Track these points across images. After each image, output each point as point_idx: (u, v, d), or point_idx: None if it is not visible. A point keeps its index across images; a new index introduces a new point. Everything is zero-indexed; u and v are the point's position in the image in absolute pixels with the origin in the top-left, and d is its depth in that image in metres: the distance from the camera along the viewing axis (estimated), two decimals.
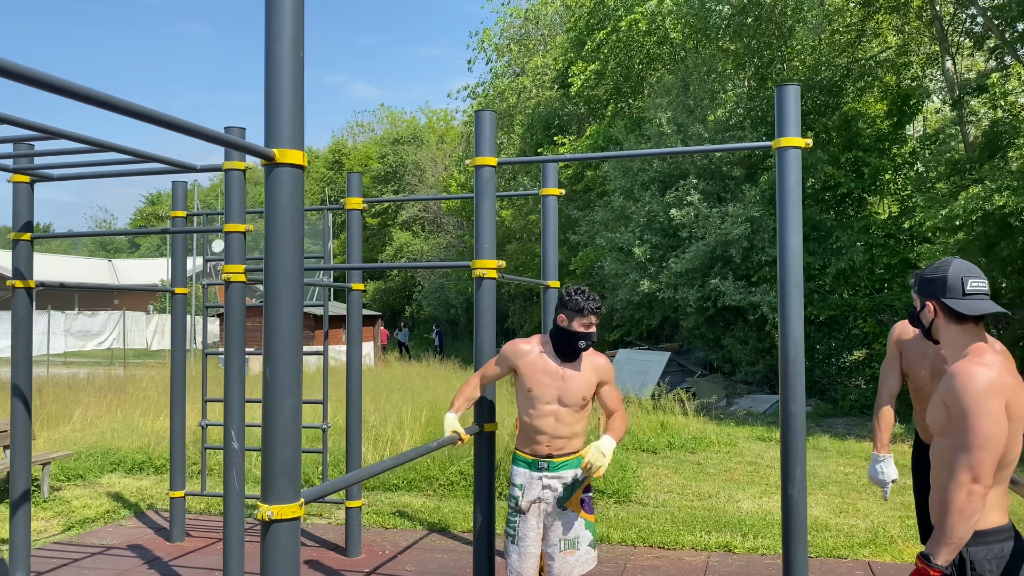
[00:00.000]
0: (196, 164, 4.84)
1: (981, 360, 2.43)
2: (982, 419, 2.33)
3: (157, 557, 5.96)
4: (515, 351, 3.86)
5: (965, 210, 11.15)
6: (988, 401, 2.34)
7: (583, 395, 3.78)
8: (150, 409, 12.34)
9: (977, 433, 2.33)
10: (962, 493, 2.32)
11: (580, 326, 3.72)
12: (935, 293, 2.58)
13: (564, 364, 3.79)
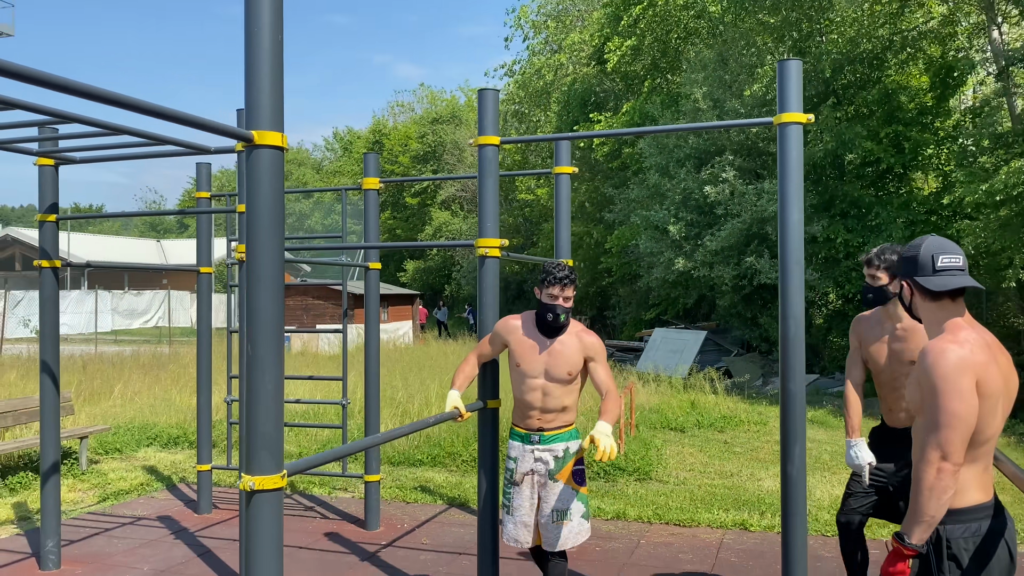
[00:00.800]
0: (210, 146, 4.94)
1: (955, 337, 2.41)
2: (951, 397, 2.31)
3: (184, 528, 6.16)
4: (506, 327, 3.93)
5: (1006, 185, 10.84)
6: (958, 379, 2.32)
7: (568, 370, 3.82)
8: (187, 385, 12.67)
9: (946, 411, 2.31)
10: (931, 471, 2.31)
11: (547, 297, 3.78)
12: (909, 272, 2.57)
13: (551, 339, 3.84)
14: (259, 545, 2.53)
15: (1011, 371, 2.48)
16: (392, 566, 5.26)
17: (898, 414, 3.89)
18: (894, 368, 3.82)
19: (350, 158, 51.78)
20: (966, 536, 2.40)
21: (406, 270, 42.42)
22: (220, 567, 5.26)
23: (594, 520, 6.29)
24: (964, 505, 2.42)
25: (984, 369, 2.36)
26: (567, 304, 3.80)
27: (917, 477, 2.35)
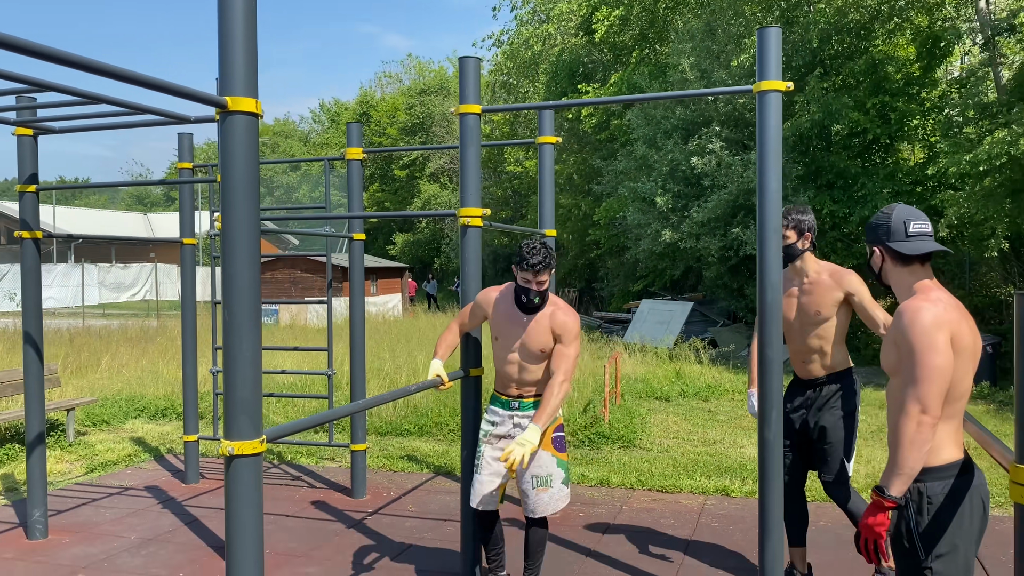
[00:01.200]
0: (190, 116, 4.91)
1: (927, 297, 2.51)
2: (929, 352, 2.39)
3: (171, 498, 6.20)
4: (486, 299, 3.97)
5: (990, 155, 10.88)
6: (935, 335, 2.40)
7: (540, 348, 3.85)
8: (175, 357, 12.67)
9: (925, 365, 2.39)
10: (912, 424, 2.38)
11: (522, 279, 3.80)
12: (880, 239, 2.66)
13: (526, 316, 3.87)
14: (239, 509, 2.57)
15: (977, 332, 2.56)
16: (378, 533, 5.33)
17: (807, 366, 4.12)
18: (801, 320, 4.07)
19: (337, 130, 51.41)
20: (944, 492, 2.48)
21: (395, 243, 42.34)
22: (207, 535, 5.31)
23: (578, 486, 6.38)
24: (941, 462, 2.49)
25: (957, 325, 2.45)
26: (541, 288, 3.77)
27: (897, 431, 2.43)
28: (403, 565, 4.72)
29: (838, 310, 4.02)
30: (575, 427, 8.07)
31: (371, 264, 28.91)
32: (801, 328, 4.09)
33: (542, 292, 3.79)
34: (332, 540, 5.19)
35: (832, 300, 4.00)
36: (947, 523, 2.46)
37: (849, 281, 3.98)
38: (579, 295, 28.79)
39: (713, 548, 4.96)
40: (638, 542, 5.07)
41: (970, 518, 2.48)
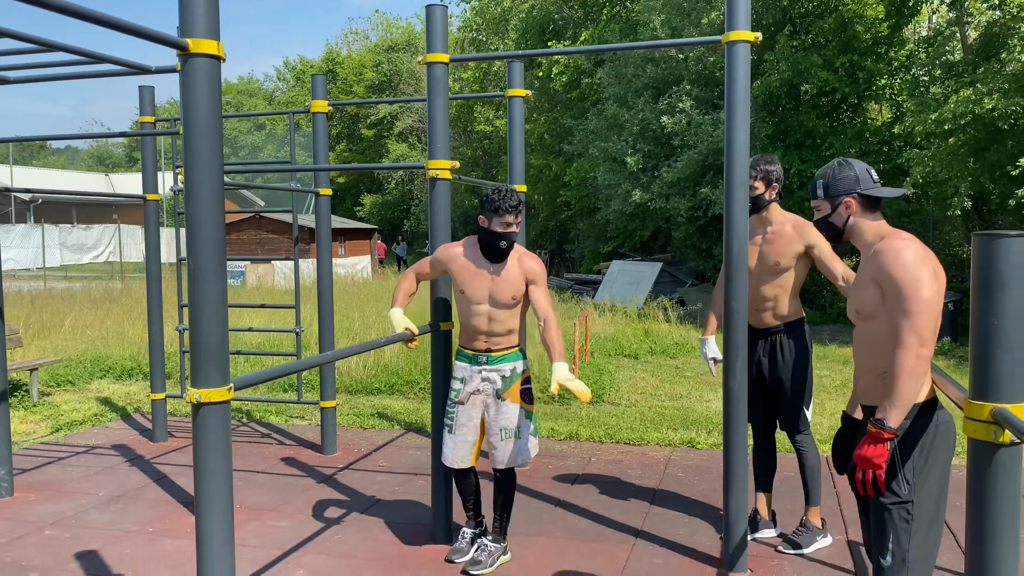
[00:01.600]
0: (151, 66, 4.79)
1: (900, 236, 2.58)
2: (920, 286, 2.44)
3: (139, 456, 6.17)
4: (447, 254, 3.94)
5: (955, 114, 11.00)
6: (921, 269, 2.46)
7: (512, 295, 3.87)
8: (140, 318, 12.52)
9: (918, 299, 2.44)
10: (911, 357, 2.44)
11: (499, 226, 3.78)
12: (851, 188, 2.70)
13: (494, 265, 3.88)
14: (207, 457, 2.56)
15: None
16: (349, 487, 5.36)
17: (760, 315, 4.20)
18: (761, 269, 4.13)
19: (302, 88, 50.48)
20: (920, 428, 2.56)
21: (363, 204, 41.90)
22: (177, 491, 5.30)
23: (548, 440, 6.45)
24: (920, 399, 2.57)
25: (934, 261, 2.51)
26: (518, 230, 3.84)
27: (895, 364, 2.46)
28: (374, 518, 4.76)
29: (797, 262, 4.07)
30: (545, 383, 8.13)
31: (339, 225, 28.66)
32: (759, 276, 4.14)
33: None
34: (302, 495, 5.21)
35: (792, 252, 4.05)
36: (924, 458, 2.54)
37: (811, 234, 4.03)
38: (550, 257, 28.82)
39: (679, 497, 5.06)
40: (606, 492, 5.16)
41: (944, 455, 2.57)
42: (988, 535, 2.03)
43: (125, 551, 4.27)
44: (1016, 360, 1.99)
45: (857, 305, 2.65)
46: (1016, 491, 2.00)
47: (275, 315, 13.07)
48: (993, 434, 1.99)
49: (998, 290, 1.98)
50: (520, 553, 4.19)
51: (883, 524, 2.57)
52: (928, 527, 2.54)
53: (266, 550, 4.28)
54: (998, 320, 1.98)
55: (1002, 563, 2.01)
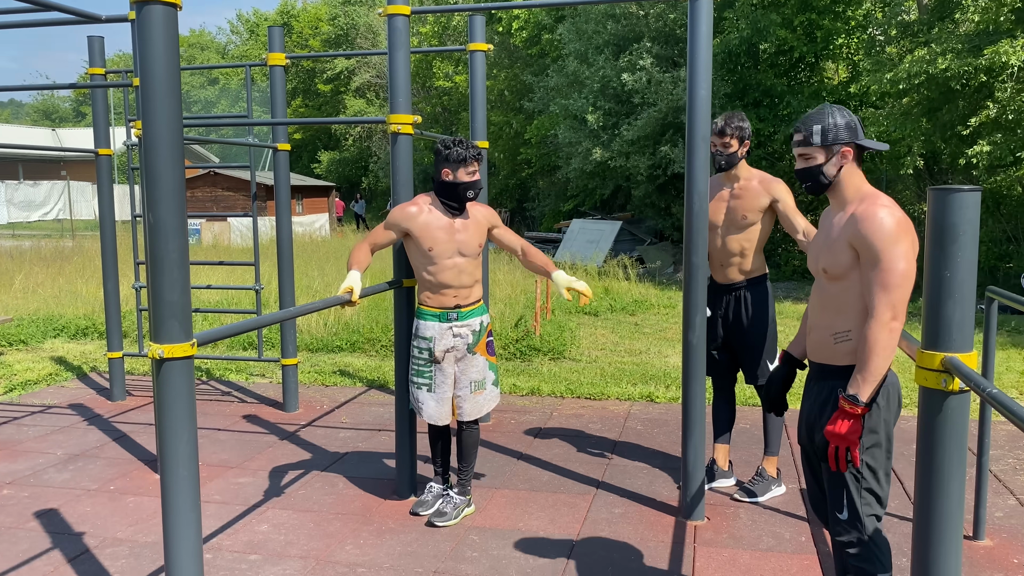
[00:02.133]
0: (101, 15, 4.63)
1: (882, 202, 2.48)
2: (899, 258, 2.40)
3: (98, 415, 6.10)
4: (405, 215, 3.89)
5: (909, 74, 11.15)
6: (902, 240, 2.42)
7: (478, 243, 3.93)
8: (93, 276, 12.27)
9: (896, 272, 2.40)
10: (884, 332, 2.42)
11: (465, 175, 3.79)
12: (852, 136, 2.55)
13: (456, 217, 3.88)
14: (171, 415, 2.55)
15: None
16: (312, 444, 5.37)
17: (725, 270, 4.28)
18: (727, 224, 4.20)
19: (257, 42, 49.26)
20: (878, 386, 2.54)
21: (320, 161, 41.26)
22: (137, 449, 5.26)
23: (510, 396, 6.52)
24: None
25: (913, 231, 2.47)
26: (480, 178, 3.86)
27: (871, 339, 2.43)
28: (338, 474, 4.79)
29: (763, 216, 4.14)
30: (507, 340, 8.19)
31: (296, 183, 28.22)
32: (726, 231, 4.21)
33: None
34: (265, 452, 5.21)
35: (759, 206, 4.11)
36: (875, 417, 2.55)
37: (776, 188, 4.11)
38: (511, 215, 28.77)
39: (639, 448, 5.17)
40: (567, 446, 5.25)
41: (893, 413, 2.61)
42: (937, 478, 2.12)
43: (86, 509, 4.25)
44: (966, 311, 2.06)
45: (826, 264, 2.58)
46: (964, 437, 2.09)
47: (233, 273, 12.90)
48: (943, 382, 2.06)
49: (951, 243, 2.03)
50: (484, 505, 4.25)
51: (836, 482, 2.60)
52: (877, 481, 2.61)
53: (230, 506, 4.28)
54: (950, 272, 2.04)
55: (950, 503, 2.10)
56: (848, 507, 2.57)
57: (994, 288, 3.55)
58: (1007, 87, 10.66)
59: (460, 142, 3.79)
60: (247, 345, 8.44)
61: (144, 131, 2.43)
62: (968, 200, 2.01)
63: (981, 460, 3.74)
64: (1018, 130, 10.52)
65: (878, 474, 2.57)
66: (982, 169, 11.39)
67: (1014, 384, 6.76)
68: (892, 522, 4.01)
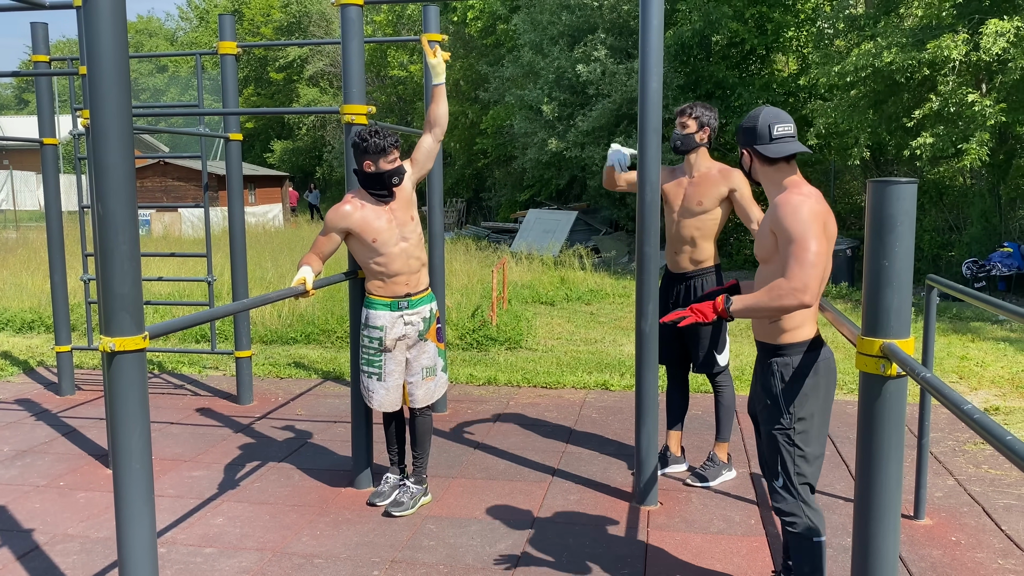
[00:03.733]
0: (45, 1, 4.53)
1: (800, 191, 2.72)
2: (811, 240, 2.61)
3: (46, 410, 5.98)
4: (341, 215, 3.88)
5: (856, 67, 11.38)
6: (813, 225, 2.62)
7: (411, 215, 3.98)
8: (39, 269, 11.98)
9: (809, 250, 2.60)
10: (790, 299, 2.61)
11: (387, 164, 3.82)
12: (749, 141, 2.82)
13: (387, 203, 3.92)
14: (123, 408, 2.52)
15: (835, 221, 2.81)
16: (266, 436, 5.34)
17: (677, 257, 4.36)
18: (683, 209, 4.27)
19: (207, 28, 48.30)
20: (806, 363, 2.79)
21: (273, 151, 40.67)
22: (87, 444, 5.18)
23: (466, 385, 6.55)
24: (803, 338, 2.80)
25: (827, 216, 2.70)
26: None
27: (776, 288, 2.63)
28: (293, 465, 4.78)
29: (719, 204, 4.21)
30: (463, 331, 8.22)
31: (249, 172, 27.81)
32: (680, 218, 4.28)
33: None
34: (219, 445, 5.17)
35: (716, 193, 4.18)
36: (807, 390, 2.78)
37: (735, 178, 4.17)
38: (467, 206, 28.72)
39: (594, 437, 5.24)
40: (523, 434, 5.30)
41: (825, 387, 2.81)
42: (876, 460, 2.20)
43: (35, 506, 4.17)
44: (903, 298, 2.14)
45: (757, 249, 2.85)
46: (901, 420, 2.18)
47: (184, 264, 12.69)
48: (882, 367, 2.14)
49: (889, 232, 2.11)
50: (440, 494, 4.28)
51: (772, 450, 2.84)
52: (811, 453, 2.81)
53: (184, 500, 4.25)
54: (888, 261, 2.12)
55: (888, 483, 2.19)
56: (783, 473, 2.81)
57: (934, 276, 3.68)
58: (949, 80, 10.96)
59: (376, 132, 3.80)
60: (200, 338, 8.34)
61: (92, 122, 2.40)
62: (904, 192, 2.09)
63: (922, 442, 3.88)
64: (959, 122, 10.82)
65: (806, 450, 2.79)
66: (925, 160, 11.69)
67: (954, 369, 6.99)
68: (838, 503, 4.14)
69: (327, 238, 3.92)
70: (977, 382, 6.59)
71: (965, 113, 10.57)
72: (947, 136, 10.83)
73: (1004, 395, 6.23)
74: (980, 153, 10.33)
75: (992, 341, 8.16)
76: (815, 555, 2.81)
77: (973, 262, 11.63)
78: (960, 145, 10.70)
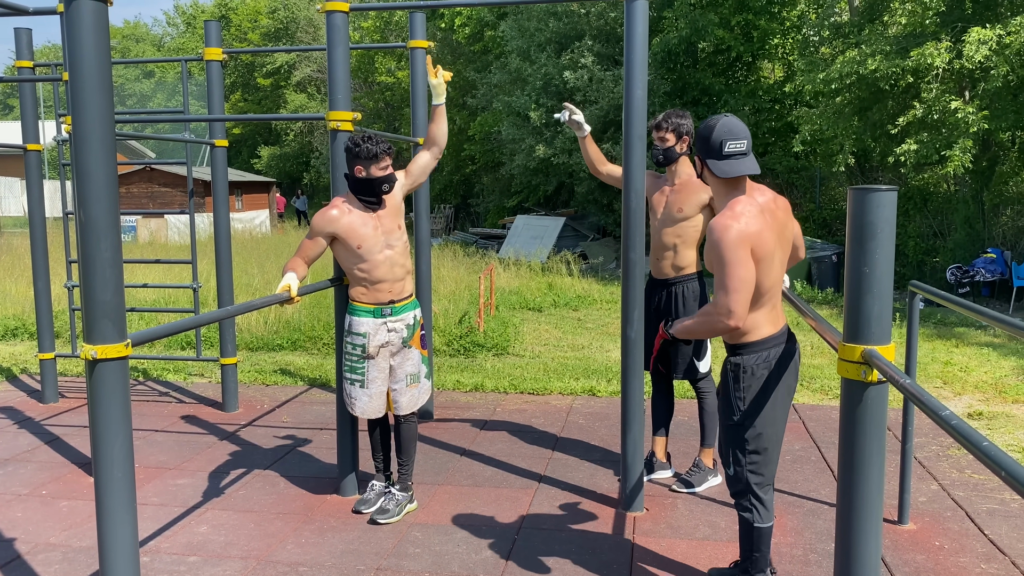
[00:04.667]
0: (28, 6, 4.51)
1: (733, 213, 2.79)
2: (736, 266, 2.73)
3: (28, 417, 5.93)
4: (327, 219, 3.88)
5: (841, 74, 11.47)
6: (738, 251, 2.74)
7: (398, 224, 3.98)
8: (23, 276, 11.89)
9: (734, 276, 2.74)
10: (719, 321, 2.80)
11: (378, 171, 3.82)
12: (701, 151, 2.90)
13: (376, 210, 3.92)
14: (105, 416, 2.51)
15: (787, 220, 2.97)
16: (252, 443, 5.31)
17: (659, 263, 4.38)
18: (665, 216, 4.30)
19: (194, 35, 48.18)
20: (758, 363, 2.94)
21: (260, 157, 40.55)
22: (70, 452, 5.14)
23: (453, 392, 6.54)
24: (756, 338, 2.95)
25: (757, 237, 2.78)
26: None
27: (706, 313, 2.85)
28: (278, 473, 4.75)
29: (700, 211, 4.23)
30: (451, 337, 8.21)
31: (235, 178, 27.74)
32: (662, 225, 4.30)
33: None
34: (204, 452, 5.14)
35: (697, 201, 4.20)
36: (758, 388, 2.93)
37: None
38: (455, 211, 28.72)
39: (580, 443, 5.24)
40: (510, 441, 5.29)
41: (781, 383, 2.95)
42: (858, 465, 2.22)
43: (17, 514, 4.14)
44: (884, 305, 2.16)
45: (706, 261, 2.96)
46: (882, 425, 2.19)
47: (170, 271, 12.63)
48: (863, 373, 2.16)
49: (869, 240, 2.13)
50: (426, 501, 4.28)
51: (725, 441, 3.04)
52: (761, 446, 2.97)
53: (168, 508, 4.22)
54: (869, 268, 2.14)
55: (870, 488, 2.21)
56: (734, 464, 3.02)
57: (916, 283, 3.71)
58: (932, 88, 11.06)
59: (369, 138, 3.80)
60: (185, 344, 8.29)
61: (74, 128, 2.39)
62: (884, 199, 2.11)
63: (905, 447, 3.91)
64: (943, 129, 10.91)
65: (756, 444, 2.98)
66: (910, 167, 11.79)
67: (939, 374, 7.04)
68: (822, 508, 4.15)
69: (313, 242, 3.92)
70: (961, 387, 6.63)
71: (948, 120, 10.66)
72: (931, 143, 10.92)
73: (987, 400, 6.28)
74: (963, 160, 10.42)
75: (976, 346, 8.22)
76: (756, 538, 3.06)
77: (957, 268, 11.72)
78: (944, 152, 10.80)
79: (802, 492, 4.39)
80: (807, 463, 4.85)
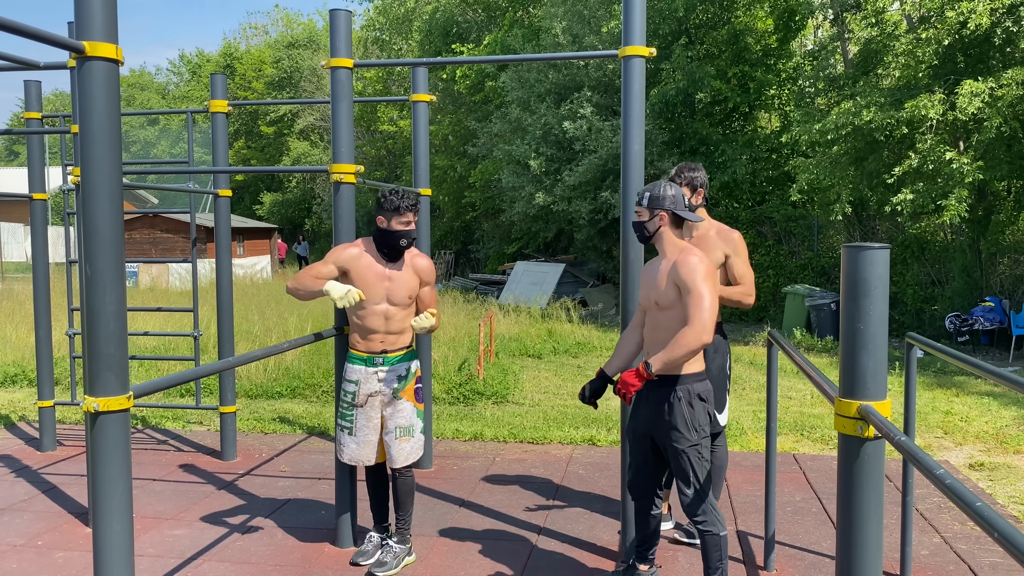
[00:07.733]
0: (39, 61, 4.61)
1: (694, 252, 3.34)
2: (708, 294, 3.24)
3: (26, 466, 5.91)
4: (348, 255, 3.94)
5: (836, 125, 11.64)
6: (708, 280, 3.27)
7: (408, 294, 3.99)
8: (24, 321, 11.91)
9: (705, 298, 3.23)
10: (694, 337, 3.20)
11: (399, 224, 3.87)
12: (667, 206, 3.41)
13: (389, 265, 3.96)
14: (106, 469, 2.51)
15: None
16: (250, 493, 5.28)
17: None
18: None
19: (199, 83, 48.91)
20: (704, 388, 3.44)
21: (263, 203, 40.85)
22: (67, 502, 5.11)
23: (452, 441, 6.52)
24: (700, 369, 3.44)
25: (715, 277, 3.40)
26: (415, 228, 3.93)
27: (683, 339, 3.20)
28: (276, 522, 4.72)
29: (717, 269, 4.09)
30: (450, 384, 8.20)
31: (238, 224, 27.89)
32: None
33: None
34: (201, 502, 5.11)
35: (714, 258, 4.08)
36: (703, 407, 3.38)
37: (733, 240, 4.09)
38: (455, 257, 28.85)
39: (580, 494, 5.21)
40: (510, 491, 5.27)
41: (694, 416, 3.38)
42: (856, 518, 2.22)
43: (12, 566, 4.10)
44: (879, 361, 2.18)
45: (656, 298, 3.39)
46: (880, 481, 2.20)
47: (171, 318, 12.66)
48: (859, 429, 2.17)
49: (863, 296, 2.17)
50: (425, 554, 4.24)
51: (683, 465, 3.36)
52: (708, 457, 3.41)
53: (164, 560, 4.19)
54: (863, 324, 2.17)
55: (869, 542, 2.20)
56: (695, 482, 3.35)
57: (913, 335, 3.73)
58: (927, 139, 11.21)
59: (396, 192, 3.87)
60: (184, 392, 8.28)
61: (83, 185, 2.44)
62: (877, 257, 2.15)
63: (906, 500, 3.89)
64: (938, 179, 11.03)
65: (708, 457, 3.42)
66: (906, 216, 11.88)
67: (939, 424, 7.02)
68: (824, 562, 4.12)
69: (323, 264, 3.95)
70: (962, 437, 6.61)
71: (944, 170, 10.79)
72: (927, 192, 11.03)
73: (989, 451, 6.25)
74: (959, 209, 10.51)
75: (976, 396, 8.21)
76: (720, 547, 3.38)
77: (956, 316, 11.75)
78: (940, 201, 10.90)
79: (803, 544, 4.36)
80: (808, 515, 4.82)
